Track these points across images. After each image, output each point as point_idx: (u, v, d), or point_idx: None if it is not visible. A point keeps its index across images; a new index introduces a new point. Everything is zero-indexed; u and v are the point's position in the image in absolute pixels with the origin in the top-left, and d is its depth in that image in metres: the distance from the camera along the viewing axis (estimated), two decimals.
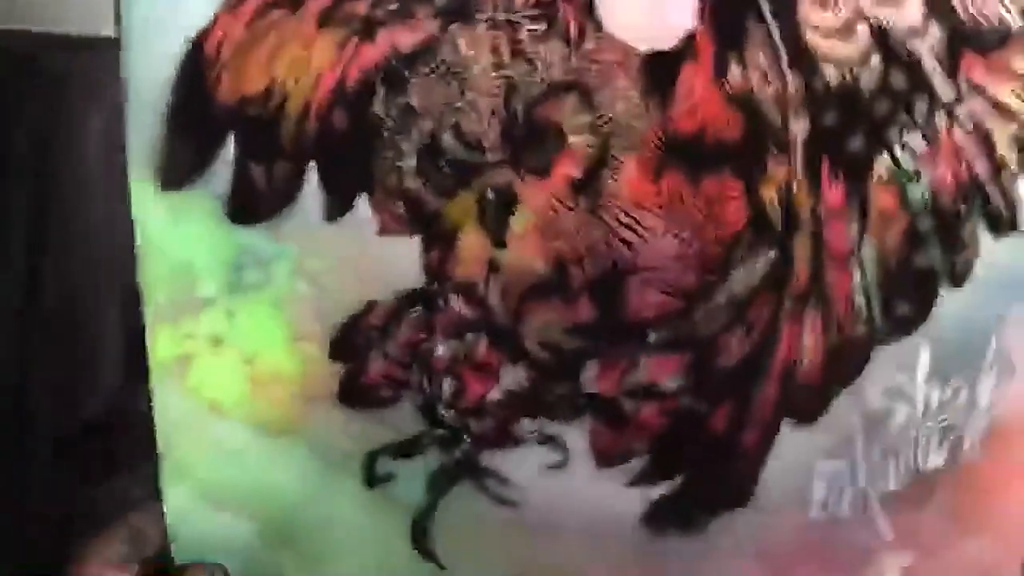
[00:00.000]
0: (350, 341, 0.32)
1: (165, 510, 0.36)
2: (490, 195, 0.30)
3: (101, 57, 0.44)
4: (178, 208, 0.31)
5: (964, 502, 0.32)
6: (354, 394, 0.33)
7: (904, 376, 0.30)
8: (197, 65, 0.31)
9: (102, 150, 0.50)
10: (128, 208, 0.38)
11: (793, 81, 0.28)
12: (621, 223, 0.30)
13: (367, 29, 0.29)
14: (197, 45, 0.30)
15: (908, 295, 0.29)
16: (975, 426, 0.31)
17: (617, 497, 0.33)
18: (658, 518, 0.32)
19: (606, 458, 0.32)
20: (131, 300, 0.41)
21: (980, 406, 0.31)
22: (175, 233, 0.32)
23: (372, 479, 0.33)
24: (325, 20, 0.29)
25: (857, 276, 0.30)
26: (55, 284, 0.51)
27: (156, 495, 0.37)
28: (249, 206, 0.30)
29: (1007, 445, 0.31)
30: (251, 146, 0.30)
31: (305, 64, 0.29)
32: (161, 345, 0.33)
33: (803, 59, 0.28)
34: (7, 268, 0.51)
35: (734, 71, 0.29)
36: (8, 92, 0.50)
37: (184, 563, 0.37)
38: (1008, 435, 0.31)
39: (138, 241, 0.32)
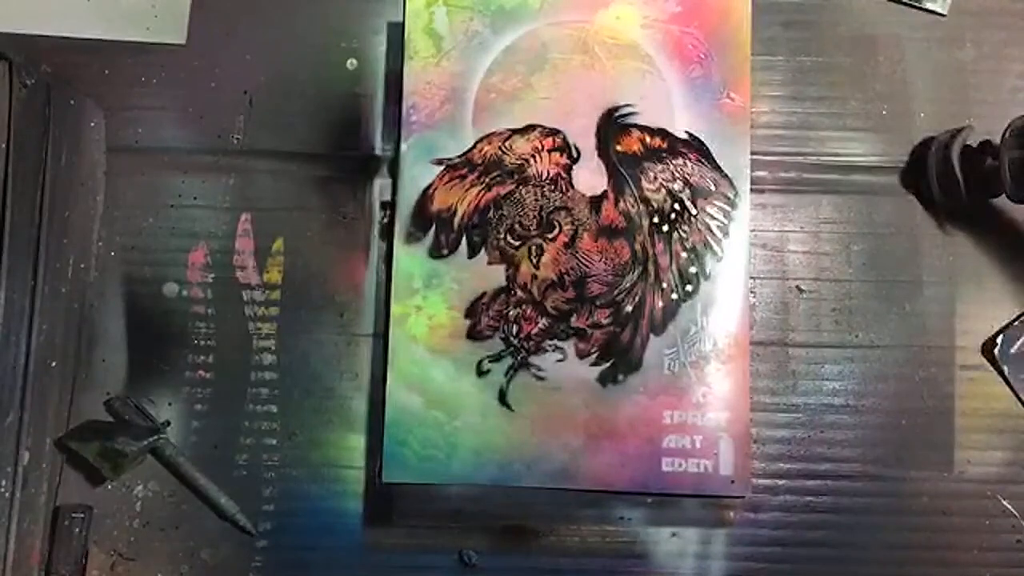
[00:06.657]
0: (474, 309, 0.56)
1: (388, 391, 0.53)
2: (532, 248, 0.56)
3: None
4: (412, 254, 0.56)
5: None
6: (473, 333, 0.56)
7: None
8: (425, 191, 0.57)
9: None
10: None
11: (642, 207, 0.59)
12: (584, 258, 0.56)
13: (487, 187, 0.57)
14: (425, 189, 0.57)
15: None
16: None
17: (586, 371, 0.55)
18: (602, 378, 0.55)
19: (581, 354, 0.56)
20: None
21: None
22: (412, 264, 0.56)
23: (480, 372, 0.55)
24: (469, 184, 0.57)
25: (671, 277, 0.60)
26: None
27: None
28: (438, 253, 0.56)
29: None
30: (440, 228, 0.57)
31: (463, 198, 0.58)
32: (395, 309, 0.56)
33: (644, 197, 0.57)
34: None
35: (620, 202, 0.56)
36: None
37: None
38: None
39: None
